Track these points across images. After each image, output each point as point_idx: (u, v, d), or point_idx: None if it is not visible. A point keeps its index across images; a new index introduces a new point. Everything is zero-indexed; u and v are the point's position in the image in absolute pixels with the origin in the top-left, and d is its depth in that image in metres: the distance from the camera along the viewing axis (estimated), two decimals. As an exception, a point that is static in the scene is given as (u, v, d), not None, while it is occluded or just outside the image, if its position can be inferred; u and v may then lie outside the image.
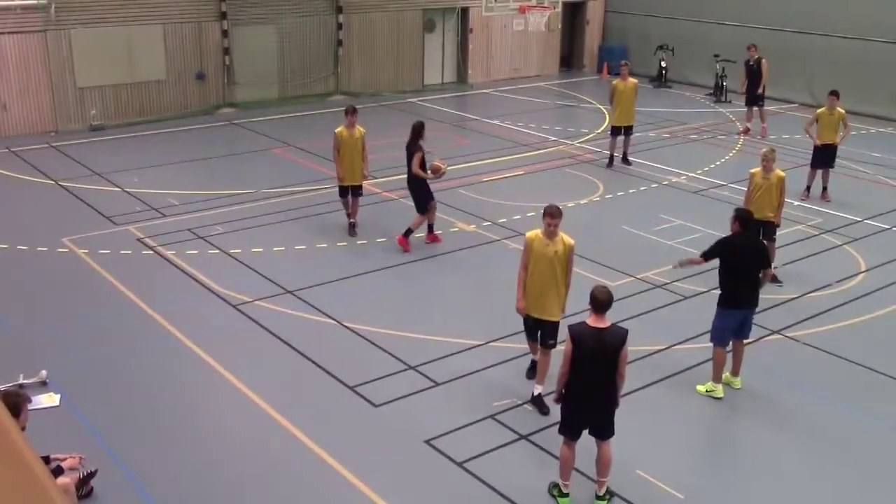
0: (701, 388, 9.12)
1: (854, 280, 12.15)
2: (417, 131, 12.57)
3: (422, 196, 12.79)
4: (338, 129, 13.05)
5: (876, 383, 9.49)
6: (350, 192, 13.37)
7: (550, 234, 8.39)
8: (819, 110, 15.54)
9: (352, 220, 13.52)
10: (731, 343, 9.10)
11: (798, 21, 23.76)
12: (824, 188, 15.58)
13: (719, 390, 9.01)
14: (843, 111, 15.25)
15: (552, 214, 8.37)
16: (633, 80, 17.39)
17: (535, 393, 8.74)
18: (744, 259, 8.80)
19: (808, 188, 15.64)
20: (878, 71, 22.11)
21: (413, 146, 12.57)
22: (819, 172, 15.45)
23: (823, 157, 15.36)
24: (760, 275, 8.92)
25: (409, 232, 12.79)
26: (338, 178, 13.25)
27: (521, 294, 8.60)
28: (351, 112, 13.03)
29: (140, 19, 20.29)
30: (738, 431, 8.63)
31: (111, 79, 20.18)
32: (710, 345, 9.08)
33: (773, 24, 24.10)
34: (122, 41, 20.08)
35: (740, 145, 19.53)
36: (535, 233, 8.52)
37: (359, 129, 13.06)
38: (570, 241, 8.48)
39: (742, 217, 8.89)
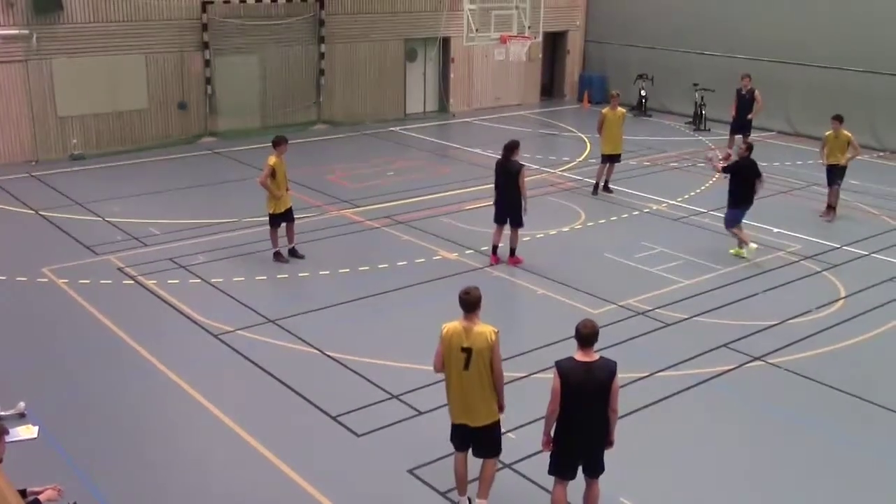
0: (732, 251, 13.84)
1: (834, 306, 12.23)
2: (511, 149, 13.02)
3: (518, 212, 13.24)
4: (272, 161, 12.97)
5: (857, 408, 9.54)
6: (286, 218, 13.40)
7: (467, 328, 7.05)
8: (826, 133, 16.45)
9: (291, 246, 13.56)
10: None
11: (776, 51, 24.08)
12: (831, 207, 16.44)
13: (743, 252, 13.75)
14: (848, 134, 16.17)
15: (468, 306, 7.08)
16: (621, 110, 17.72)
17: None
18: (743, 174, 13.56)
19: (828, 206, 16.62)
20: (854, 100, 22.36)
21: (513, 164, 13.02)
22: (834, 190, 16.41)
23: (831, 176, 16.40)
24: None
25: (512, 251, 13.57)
26: (272, 207, 13.18)
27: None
28: (283, 142, 13.20)
29: (122, 49, 20.30)
30: (721, 457, 8.62)
31: (92, 108, 20.15)
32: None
33: (751, 53, 24.41)
34: (103, 71, 20.07)
35: (720, 174, 19.63)
36: (452, 325, 7.14)
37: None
38: (492, 337, 7.01)
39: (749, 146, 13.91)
